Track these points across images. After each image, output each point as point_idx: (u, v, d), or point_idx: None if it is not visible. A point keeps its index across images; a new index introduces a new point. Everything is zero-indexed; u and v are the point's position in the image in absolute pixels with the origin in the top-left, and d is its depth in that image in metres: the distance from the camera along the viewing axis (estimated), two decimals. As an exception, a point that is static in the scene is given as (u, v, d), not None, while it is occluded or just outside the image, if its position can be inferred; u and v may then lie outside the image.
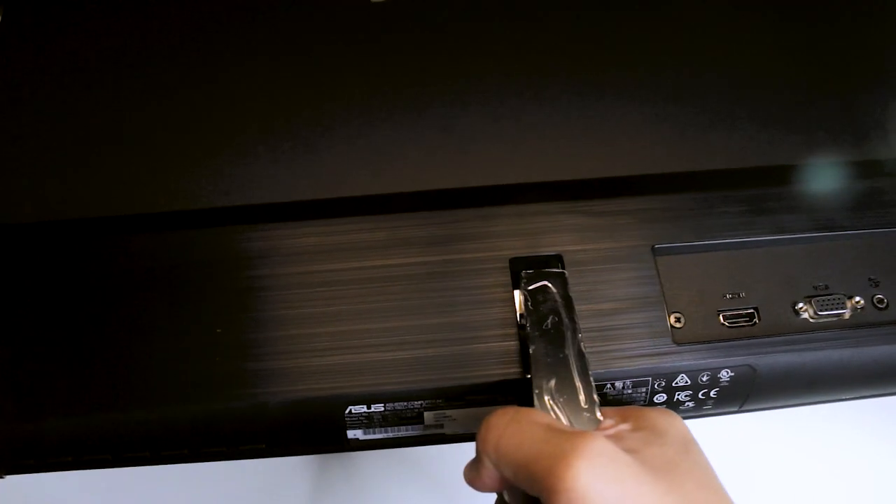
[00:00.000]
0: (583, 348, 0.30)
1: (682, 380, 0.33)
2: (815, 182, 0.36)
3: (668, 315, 0.33)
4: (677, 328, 0.33)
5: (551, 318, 0.31)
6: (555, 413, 0.29)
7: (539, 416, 0.28)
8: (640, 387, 0.33)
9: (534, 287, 0.32)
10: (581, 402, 0.29)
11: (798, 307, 0.34)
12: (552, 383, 0.29)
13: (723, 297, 0.34)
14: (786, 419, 0.39)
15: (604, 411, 0.29)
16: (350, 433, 0.32)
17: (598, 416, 0.29)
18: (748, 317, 0.34)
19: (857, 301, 0.34)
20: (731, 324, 0.33)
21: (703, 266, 0.34)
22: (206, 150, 0.37)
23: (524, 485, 0.26)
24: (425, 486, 0.41)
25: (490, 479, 0.28)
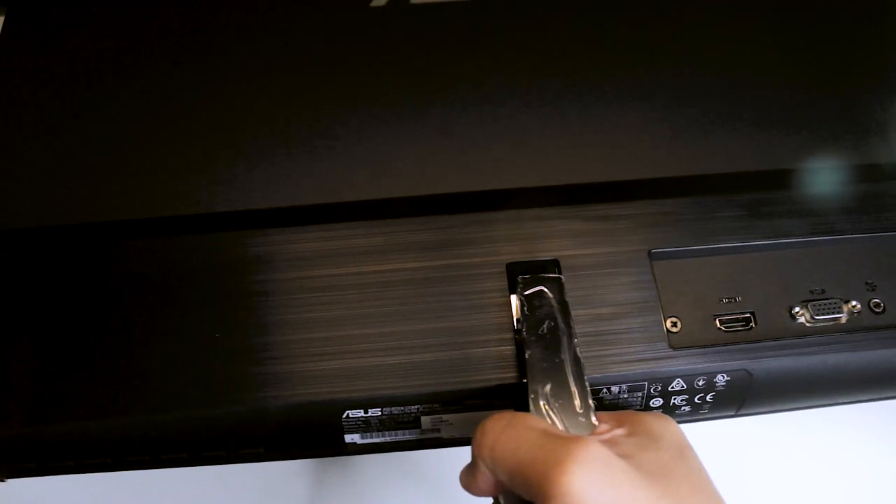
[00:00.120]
0: (578, 353, 0.30)
1: (679, 384, 0.33)
2: (812, 186, 0.36)
3: (664, 319, 0.33)
4: (674, 333, 0.33)
5: (547, 322, 0.31)
6: (550, 418, 0.29)
7: (534, 421, 0.28)
8: (636, 391, 0.33)
9: (530, 292, 0.32)
10: (576, 406, 0.29)
11: (795, 311, 0.34)
12: (548, 388, 0.30)
13: (719, 301, 0.34)
14: (783, 420, 0.39)
15: (599, 416, 0.29)
16: (348, 437, 0.32)
17: (594, 420, 0.29)
18: (745, 321, 0.34)
19: (854, 305, 0.34)
20: (727, 328, 0.34)
21: (699, 270, 0.35)
22: (206, 155, 0.37)
23: (519, 489, 0.26)
24: (423, 490, 0.41)
25: (486, 484, 0.28)
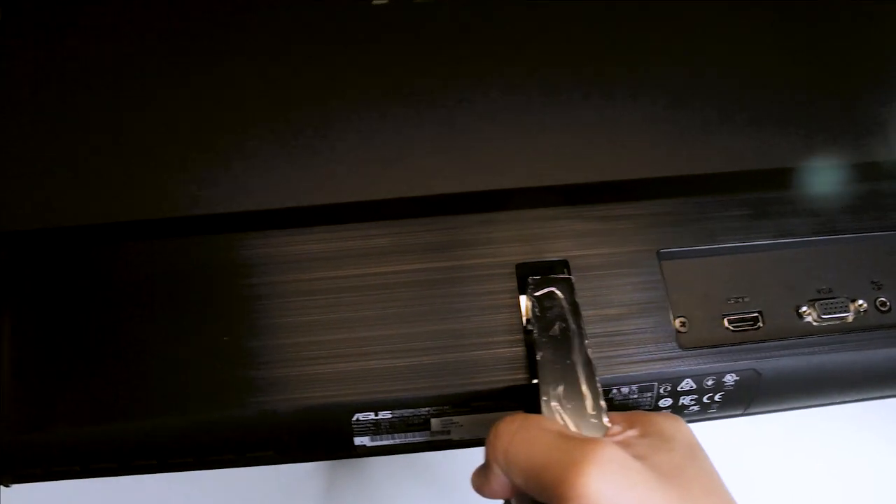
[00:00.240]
0: (590, 354, 0.30)
1: (688, 384, 0.33)
2: (818, 185, 0.36)
3: (673, 320, 0.33)
4: (682, 333, 0.33)
5: (558, 324, 0.31)
6: (562, 419, 0.29)
7: (548, 423, 0.28)
8: (645, 392, 0.33)
9: (540, 293, 0.32)
10: (588, 408, 0.29)
11: (802, 311, 0.34)
12: (559, 390, 0.29)
13: (727, 301, 0.34)
14: (782, 419, 0.39)
15: (610, 416, 0.29)
16: (357, 440, 0.32)
17: (606, 422, 0.29)
18: (752, 321, 0.34)
19: (860, 304, 0.34)
20: (735, 328, 0.34)
21: (707, 270, 0.35)
22: (206, 155, 0.36)
23: (534, 492, 0.26)
24: (433, 491, 0.41)
25: (499, 486, 0.28)
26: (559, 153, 0.37)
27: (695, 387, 0.33)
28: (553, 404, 0.29)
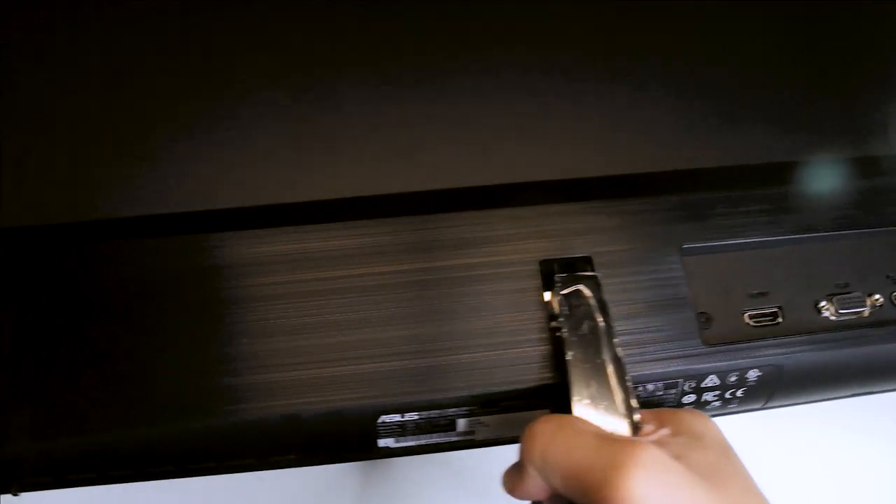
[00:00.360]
0: (619, 353, 0.30)
1: (712, 380, 0.33)
2: (834, 179, 0.36)
3: (696, 316, 0.33)
4: (706, 329, 0.33)
5: (587, 322, 0.31)
6: (595, 419, 0.28)
7: (585, 424, 0.27)
8: (670, 388, 0.32)
9: (568, 291, 0.31)
10: (620, 407, 0.29)
11: (820, 306, 0.34)
12: (591, 389, 0.29)
13: (747, 296, 0.34)
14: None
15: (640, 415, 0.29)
16: (381, 441, 0.31)
17: (638, 421, 0.29)
18: (772, 316, 0.34)
19: (877, 299, 0.34)
20: (756, 323, 0.34)
21: (727, 265, 0.34)
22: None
23: (574, 494, 0.26)
24: (465, 494, 0.40)
25: (534, 488, 0.27)
26: (579, 146, 0.36)
27: (718, 383, 0.33)
28: (585, 404, 0.29)
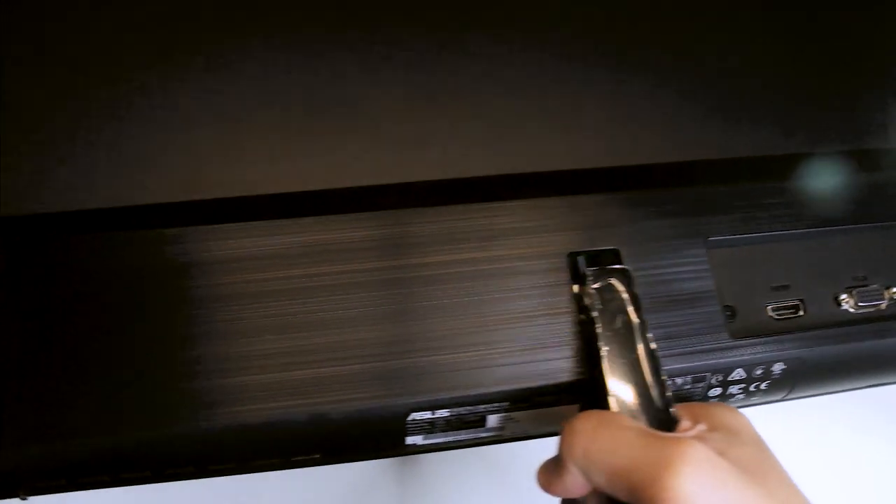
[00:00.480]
0: (654, 347, 0.29)
1: (738, 374, 0.32)
2: (853, 172, 0.36)
3: (722, 309, 0.33)
4: (731, 322, 0.33)
5: (620, 317, 0.30)
6: (632, 415, 0.28)
7: (627, 421, 0.27)
8: (698, 382, 0.32)
9: (599, 285, 0.31)
10: (657, 402, 0.28)
11: (840, 298, 0.34)
12: (626, 385, 0.29)
13: (770, 289, 0.34)
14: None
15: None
16: (409, 439, 0.30)
17: (674, 416, 0.28)
18: (794, 308, 0.34)
19: (894, 292, 0.35)
20: (779, 316, 0.33)
21: (750, 258, 0.34)
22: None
23: (618, 492, 0.25)
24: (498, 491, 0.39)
25: (574, 485, 0.27)
26: (602, 135, 0.35)
27: (745, 376, 0.33)
28: (621, 399, 0.28)
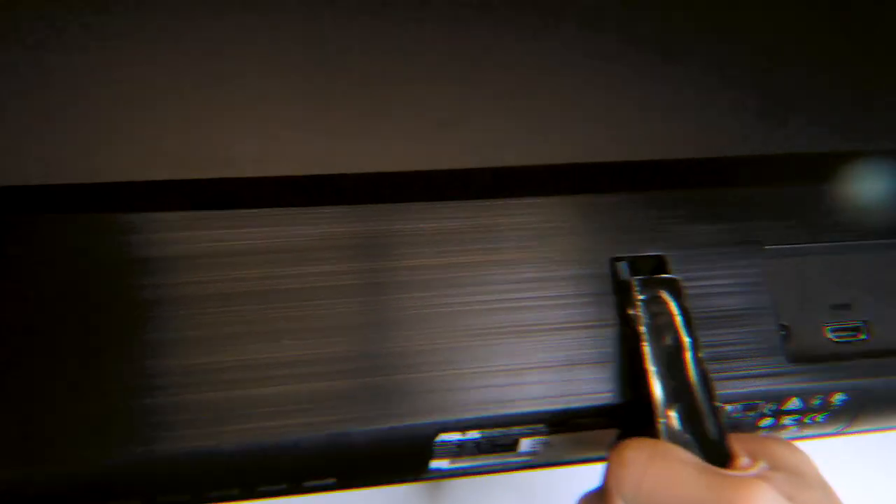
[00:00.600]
0: (707, 369, 0.26)
1: (794, 404, 0.29)
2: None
3: (778, 328, 0.30)
4: (789, 344, 0.30)
5: (669, 333, 0.27)
6: (684, 445, 0.25)
7: (683, 454, 0.24)
8: (749, 411, 0.29)
9: (647, 297, 0.28)
10: (711, 433, 0.26)
11: (909, 322, 0.31)
12: (677, 410, 0.26)
13: (829, 307, 0.31)
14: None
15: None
16: (434, 464, 0.27)
17: (729, 450, 0.25)
18: (856, 331, 0.31)
19: (964, 315, 0.32)
20: (838, 339, 0.30)
21: (808, 271, 0.31)
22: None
23: (674, 535, 0.22)
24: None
25: (621, 519, 0.24)
26: (638, 126, 0.32)
27: (801, 406, 0.30)
28: (672, 427, 0.25)
